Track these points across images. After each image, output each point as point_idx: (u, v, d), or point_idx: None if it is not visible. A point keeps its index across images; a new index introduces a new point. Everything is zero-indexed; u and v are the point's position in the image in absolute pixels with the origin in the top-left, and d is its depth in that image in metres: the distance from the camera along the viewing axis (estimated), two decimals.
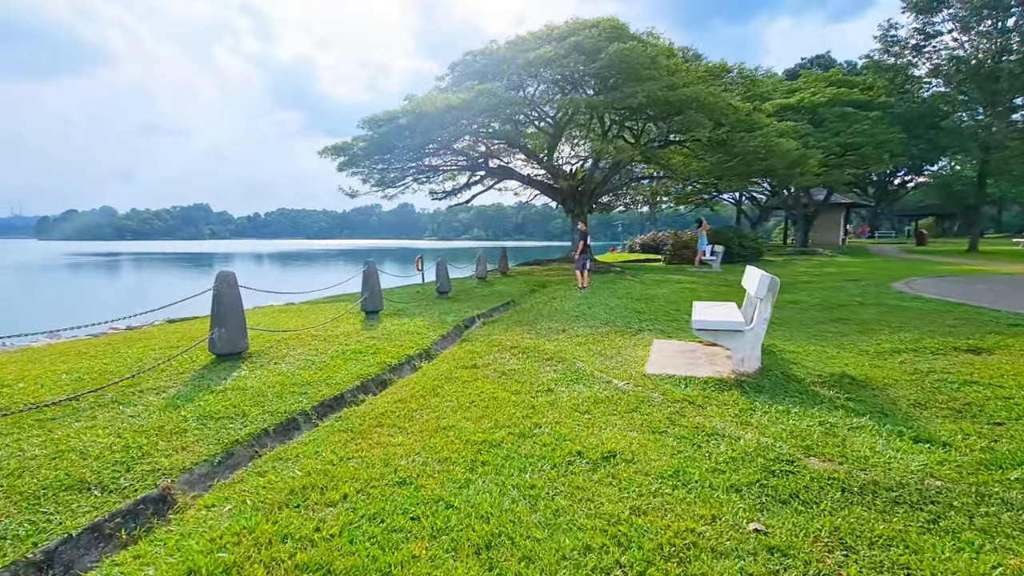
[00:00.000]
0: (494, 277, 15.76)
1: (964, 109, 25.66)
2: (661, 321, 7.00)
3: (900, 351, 4.92)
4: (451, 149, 20.29)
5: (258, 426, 3.71)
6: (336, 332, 6.85)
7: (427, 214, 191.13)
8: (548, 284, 13.54)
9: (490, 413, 3.63)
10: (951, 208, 54.95)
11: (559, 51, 14.81)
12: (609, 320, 7.15)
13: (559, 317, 7.59)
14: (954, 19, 24.94)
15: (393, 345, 6.29)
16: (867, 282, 10.82)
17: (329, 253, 69.91)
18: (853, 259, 21.38)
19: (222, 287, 5.24)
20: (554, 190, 21.30)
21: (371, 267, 8.29)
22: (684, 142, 16.20)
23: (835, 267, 16.34)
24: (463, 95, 14.47)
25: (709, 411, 3.49)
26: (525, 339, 6.11)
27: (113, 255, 64.86)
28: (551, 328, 6.71)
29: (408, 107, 16.11)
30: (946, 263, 17.02)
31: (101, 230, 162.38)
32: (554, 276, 15.51)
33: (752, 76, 18.56)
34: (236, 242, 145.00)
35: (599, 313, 7.79)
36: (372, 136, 17.27)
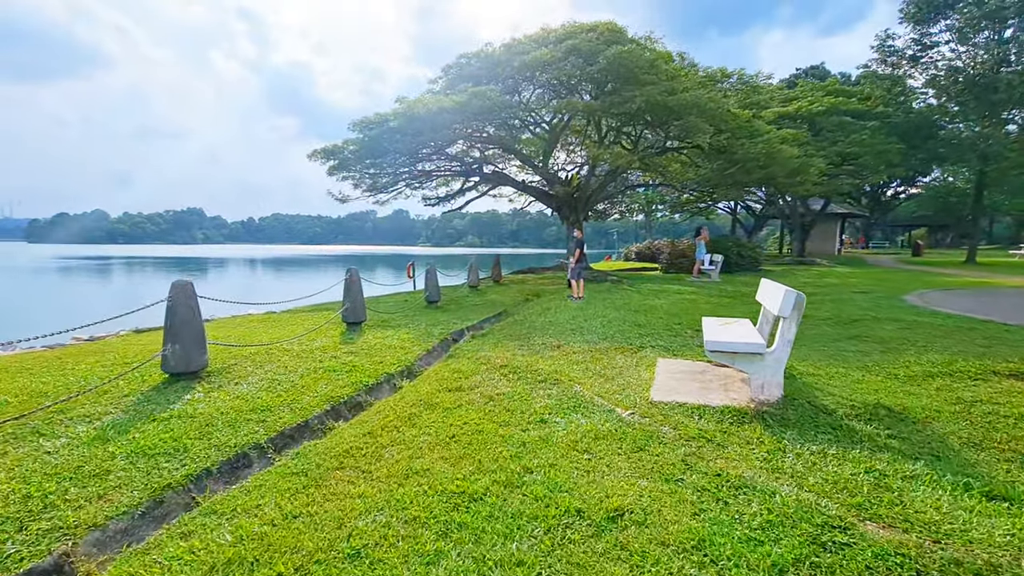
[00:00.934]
0: (487, 285, 15.24)
1: (961, 120, 25.50)
2: (663, 336, 6.48)
3: (933, 375, 4.42)
4: (445, 154, 19.83)
5: (199, 465, 3.14)
6: (311, 346, 6.28)
7: (422, 220, 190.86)
8: (542, 293, 13.03)
9: (472, 451, 3.08)
10: (944, 219, 55.20)
11: (555, 54, 14.39)
12: (607, 334, 6.62)
13: (553, 330, 7.05)
14: (951, 30, 24.86)
15: (372, 362, 5.73)
16: (876, 294, 10.38)
17: (322, 259, 69.14)
18: (853, 270, 21.02)
19: (177, 298, 4.68)
20: (549, 197, 20.84)
21: (353, 275, 7.74)
22: (682, 149, 15.78)
23: (836, 278, 15.93)
24: (456, 97, 13.99)
25: (731, 452, 2.96)
26: (516, 356, 5.56)
27: (102, 259, 63.78)
28: (545, 343, 6.18)
29: (399, 109, 15.62)
30: (949, 275, 16.67)
31: (92, 233, 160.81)
32: (548, 285, 15.02)
33: (753, 82, 18.25)
34: (228, 247, 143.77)
35: (596, 326, 7.26)
36: (362, 139, 16.76)
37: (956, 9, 24.39)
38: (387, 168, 19.31)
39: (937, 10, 24.37)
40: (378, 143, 16.37)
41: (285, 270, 49.68)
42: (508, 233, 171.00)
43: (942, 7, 24.39)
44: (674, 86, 13.35)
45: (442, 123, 14.18)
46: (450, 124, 14.42)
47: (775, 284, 4.35)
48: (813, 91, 27.37)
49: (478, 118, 14.58)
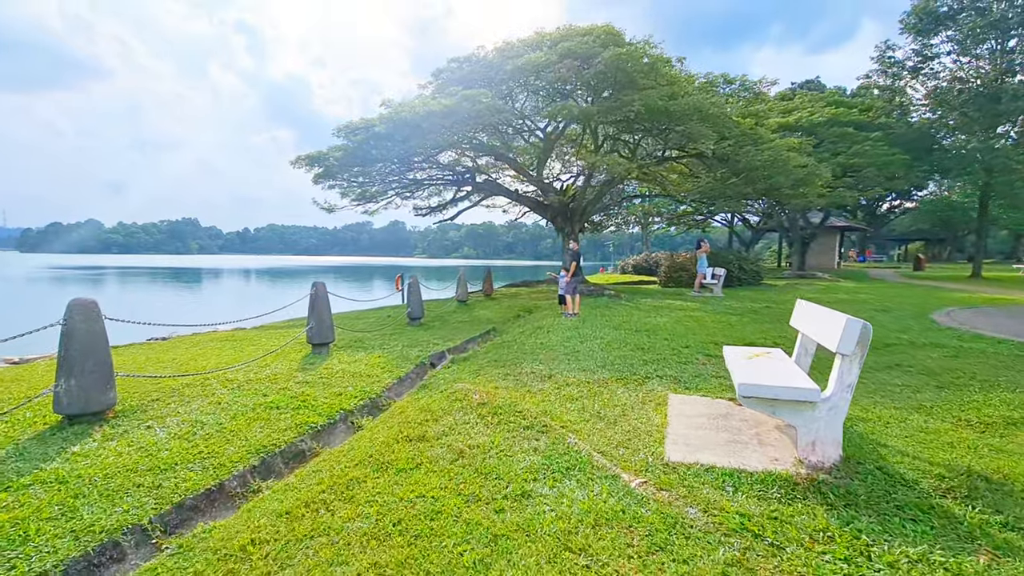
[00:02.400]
0: (477, 300, 14.36)
1: (964, 131, 24.97)
2: (671, 363, 5.59)
3: (1018, 422, 3.55)
4: (435, 163, 19.06)
5: (33, 567, 2.21)
6: (261, 375, 5.35)
7: (418, 232, 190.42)
8: (534, 309, 12.15)
9: (420, 553, 2.16)
10: (939, 233, 54.85)
11: (550, 57, 13.67)
12: (606, 361, 5.73)
13: (545, 354, 6.15)
14: (953, 41, 24.45)
15: (329, 394, 4.81)
16: (897, 312, 9.55)
17: (313, 270, 68.06)
18: (859, 285, 20.27)
19: (74, 321, 3.75)
20: (544, 207, 20.06)
21: (319, 290, 6.83)
22: (683, 157, 15.03)
23: (845, 293, 15.14)
24: (445, 101, 13.22)
25: (792, 557, 2.06)
26: (499, 390, 4.65)
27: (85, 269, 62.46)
28: (534, 372, 5.27)
29: (385, 114, 14.85)
30: (964, 291, 15.89)
31: (86, 243, 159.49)
32: (542, 299, 14.15)
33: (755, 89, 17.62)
34: (221, 257, 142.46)
35: (593, 350, 6.37)
36: (347, 146, 15.97)
37: (957, 20, 24.04)
38: (375, 176, 18.55)
39: (938, 21, 23.97)
40: (364, 149, 15.58)
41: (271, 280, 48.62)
42: (503, 245, 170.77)
43: (943, 18, 24.01)
44: (674, 90, 12.63)
45: (430, 127, 13.39)
46: (439, 129, 13.63)
47: (824, 309, 3.50)
48: (813, 102, 26.88)
49: (469, 122, 13.80)
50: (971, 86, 23.10)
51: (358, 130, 15.14)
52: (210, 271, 62.24)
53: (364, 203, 20.55)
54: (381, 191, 20.16)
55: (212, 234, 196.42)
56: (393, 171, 18.70)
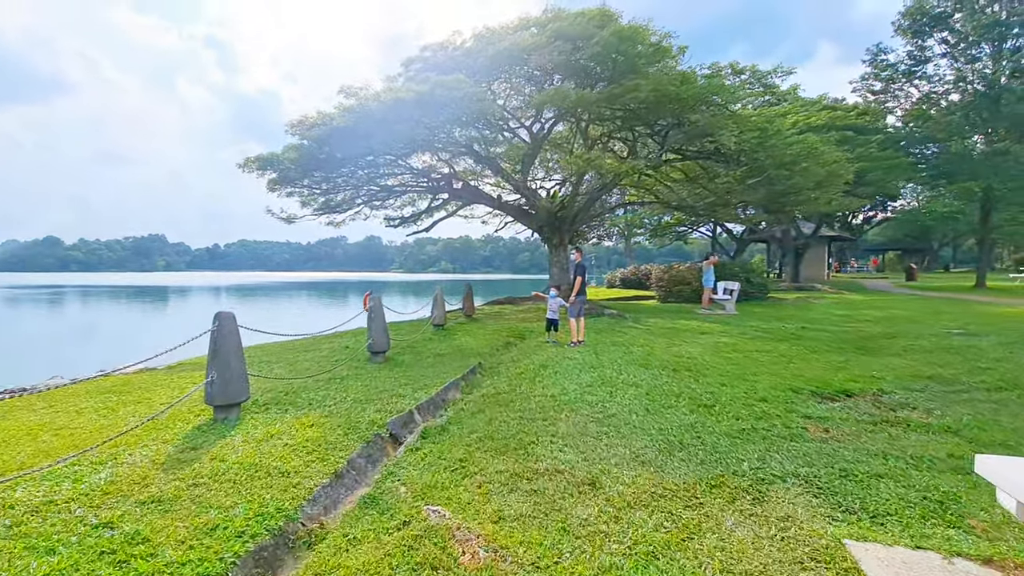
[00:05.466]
0: (456, 321, 12.19)
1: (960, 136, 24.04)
2: (767, 436, 3.55)
3: None
4: (408, 168, 16.95)
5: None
6: (92, 480, 3.10)
7: (394, 246, 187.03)
8: (526, 334, 10.06)
9: None
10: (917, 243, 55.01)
11: (539, 39, 11.78)
12: (667, 434, 3.65)
13: (565, 420, 4.05)
14: (946, 43, 23.64)
15: (194, 528, 2.60)
16: (981, 335, 7.75)
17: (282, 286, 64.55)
18: (871, 298, 18.80)
19: None
20: (529, 216, 18.06)
21: (223, 324, 4.59)
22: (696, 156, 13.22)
23: (874, 308, 13.48)
24: (416, 87, 11.17)
25: None
26: (509, 528, 2.51)
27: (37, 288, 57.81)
28: (562, 470, 3.13)
29: (347, 104, 12.70)
30: (997, 303, 14.41)
31: (43, 260, 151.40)
32: (532, 320, 12.04)
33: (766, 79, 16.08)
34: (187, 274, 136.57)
35: (635, 408, 4.29)
36: (304, 145, 13.74)
37: (948, 24, 23.26)
38: (340, 182, 16.33)
39: (935, 21, 23.12)
40: (324, 149, 13.38)
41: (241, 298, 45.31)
42: (481, 259, 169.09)
43: (939, 19, 23.18)
44: (686, 75, 10.86)
45: (399, 119, 11.29)
46: (409, 121, 11.55)
47: None
48: (805, 106, 25.75)
49: (444, 115, 11.74)
50: (970, 89, 22.19)
51: (315, 126, 12.94)
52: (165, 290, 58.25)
53: (329, 213, 18.25)
54: (348, 199, 17.93)
55: (180, 250, 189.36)
56: (360, 177, 16.54)
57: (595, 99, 11.12)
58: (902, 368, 5.87)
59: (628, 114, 12.85)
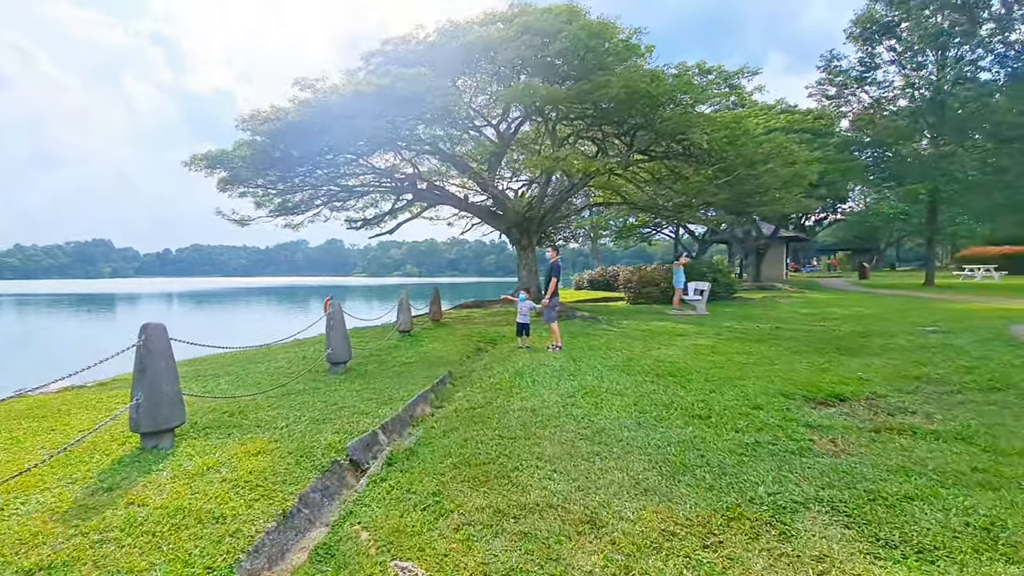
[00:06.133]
0: (424, 326, 11.61)
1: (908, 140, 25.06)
2: (773, 451, 3.23)
3: None
4: (370, 168, 16.26)
5: None
6: None
7: (357, 250, 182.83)
8: (497, 339, 9.61)
9: None
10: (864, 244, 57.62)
11: (506, 33, 11.39)
12: (664, 450, 3.28)
13: (550, 438, 3.62)
14: (894, 50, 24.62)
15: None
16: (951, 332, 7.78)
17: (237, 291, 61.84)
18: (829, 296, 19.23)
19: None
20: (497, 217, 17.65)
21: (151, 339, 3.94)
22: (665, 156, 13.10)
23: (837, 307, 13.67)
24: (377, 80, 10.59)
25: None
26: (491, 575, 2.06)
27: None
28: (553, 503, 2.69)
29: (304, 98, 11.97)
30: (947, 300, 14.90)
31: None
32: (502, 324, 11.59)
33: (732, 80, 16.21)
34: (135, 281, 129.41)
35: (624, 422, 3.91)
36: (257, 141, 12.90)
37: (896, 32, 24.22)
38: (296, 181, 15.49)
39: (884, 30, 24.03)
40: (276, 145, 12.58)
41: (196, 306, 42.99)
42: (446, 262, 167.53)
43: (887, 27, 24.10)
44: (655, 72, 10.69)
45: (359, 112, 10.65)
46: (370, 116, 10.93)
47: None
48: (763, 111, 26.36)
49: (406, 110, 11.17)
50: (920, 94, 23.14)
51: (268, 120, 12.13)
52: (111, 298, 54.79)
53: (286, 215, 17.36)
54: (306, 200, 17.07)
55: (128, 256, 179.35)
56: (320, 176, 15.75)
57: (564, 96, 10.81)
58: (886, 368, 5.72)
59: (597, 113, 12.61)
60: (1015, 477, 2.80)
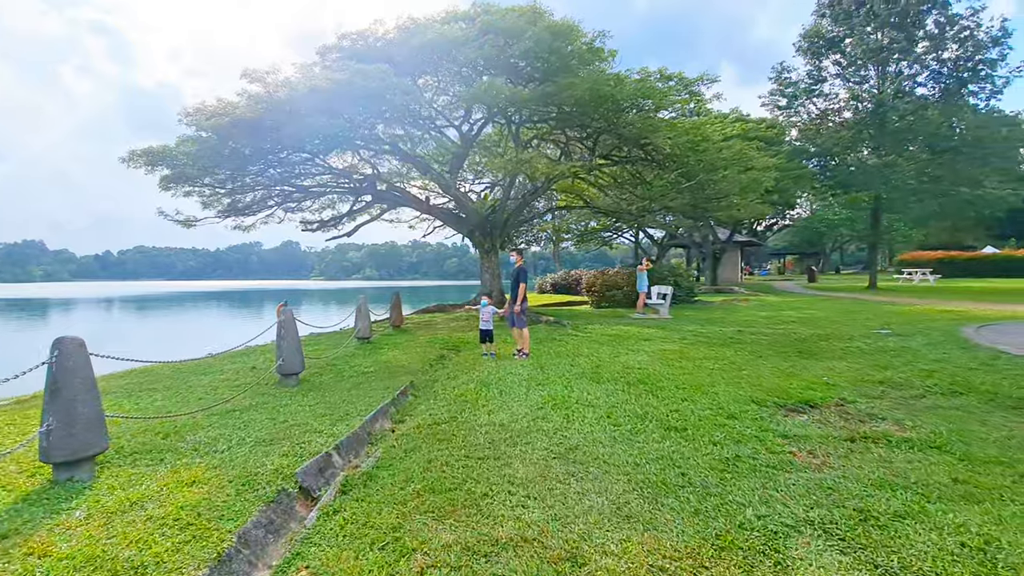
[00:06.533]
0: (383, 333, 11.17)
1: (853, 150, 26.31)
2: (754, 466, 3.11)
3: None
4: (327, 168, 15.65)
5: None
6: None
7: (314, 253, 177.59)
8: (461, 346, 9.30)
9: None
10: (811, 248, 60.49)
11: (468, 31, 11.13)
12: (640, 469, 3.09)
13: (520, 458, 3.37)
14: (839, 64, 25.81)
15: None
16: (903, 335, 8.02)
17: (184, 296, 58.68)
18: (783, 298, 19.85)
19: None
20: (460, 220, 17.33)
21: (69, 351, 3.44)
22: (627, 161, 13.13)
23: (792, 310, 14.05)
24: (334, 75, 10.11)
25: None
26: None
27: None
28: (528, 537, 2.43)
29: (254, 91, 11.33)
30: (894, 302, 15.60)
31: None
32: (466, 330, 11.28)
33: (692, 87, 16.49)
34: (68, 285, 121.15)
35: (597, 436, 3.71)
36: (203, 137, 12.16)
37: (841, 47, 25.41)
38: (248, 180, 14.71)
39: (830, 44, 25.16)
40: (225, 143, 11.88)
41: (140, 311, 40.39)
42: (408, 266, 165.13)
43: (832, 42, 25.25)
44: (619, 76, 10.68)
45: (314, 109, 10.14)
46: (326, 114, 10.42)
47: None
48: (719, 119, 27.12)
49: (365, 107, 10.74)
50: (863, 106, 24.31)
51: (215, 115, 11.41)
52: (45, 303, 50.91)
53: (236, 215, 16.45)
54: (258, 201, 16.26)
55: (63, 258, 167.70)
56: (273, 176, 15.01)
57: (528, 96, 10.63)
58: (849, 372, 5.77)
59: (561, 115, 12.51)
60: (995, 488, 2.74)
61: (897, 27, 23.14)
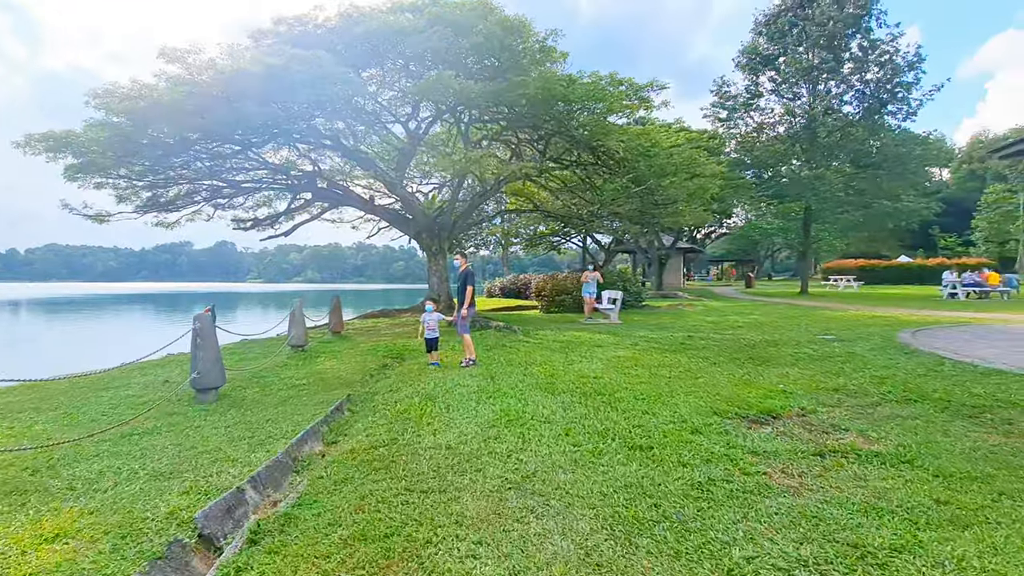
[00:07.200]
0: (321, 340, 10.37)
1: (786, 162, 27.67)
2: (741, 489, 2.82)
3: None
4: (264, 163, 14.57)
5: None
6: None
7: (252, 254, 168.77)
8: (405, 354, 8.72)
9: None
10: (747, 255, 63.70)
11: (417, 22, 10.60)
12: (606, 494, 2.73)
13: (470, 489, 2.93)
14: (774, 81, 27.11)
15: None
16: (842, 340, 8.20)
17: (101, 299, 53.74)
18: (725, 303, 20.44)
19: None
20: (406, 221, 16.64)
21: None
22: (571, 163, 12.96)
23: (736, 315, 14.37)
24: (267, 59, 9.28)
25: None
26: None
27: None
28: None
29: (174, 73, 10.26)
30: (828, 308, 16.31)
31: None
32: (411, 335, 10.67)
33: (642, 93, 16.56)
34: None
35: (556, 459, 3.33)
36: (115, 123, 10.92)
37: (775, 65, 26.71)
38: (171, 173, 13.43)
39: (766, 62, 26.38)
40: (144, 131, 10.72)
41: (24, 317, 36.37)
42: (352, 268, 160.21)
43: (768, 59, 26.49)
44: (572, 77, 10.48)
45: (245, 94, 9.27)
46: (258, 101, 9.57)
47: None
48: (664, 128, 27.81)
49: (303, 96, 9.95)
50: (796, 121, 25.61)
51: (129, 99, 10.23)
52: None
53: (157, 211, 15.03)
54: (184, 196, 14.94)
55: None
56: (201, 169, 13.79)
57: (480, 93, 10.19)
58: (803, 379, 5.72)
59: (512, 115, 12.18)
60: (978, 509, 2.58)
61: (826, 48, 24.55)
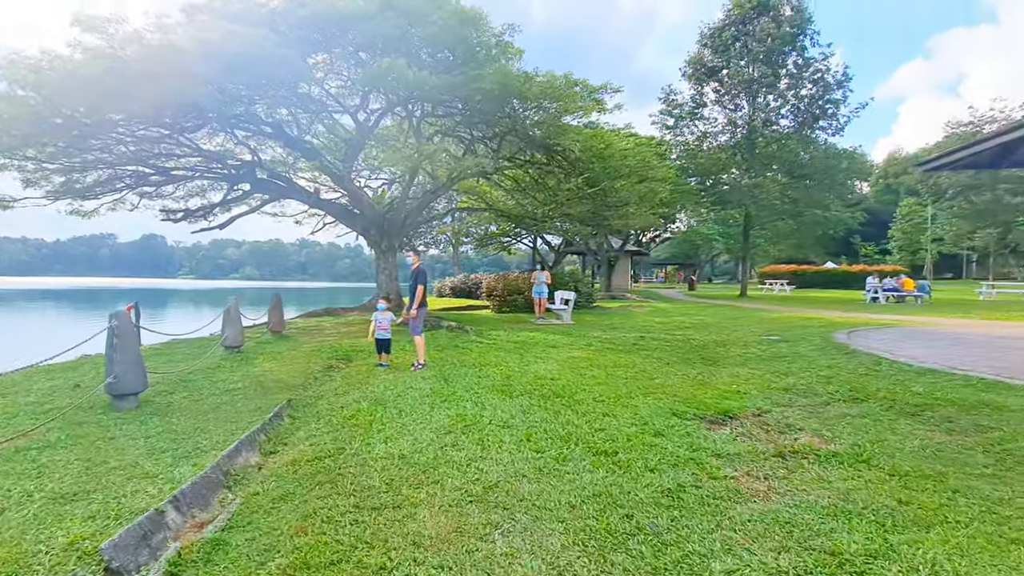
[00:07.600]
0: (260, 340, 9.70)
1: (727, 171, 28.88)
2: (712, 495, 2.74)
3: None
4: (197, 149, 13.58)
5: None
6: None
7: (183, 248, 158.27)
8: (352, 355, 8.26)
9: None
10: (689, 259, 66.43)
11: (365, 8, 10.11)
12: (574, 505, 2.58)
13: (428, 500, 2.69)
14: (718, 92, 28.25)
15: None
16: (786, 340, 8.52)
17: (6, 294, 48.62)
18: (670, 305, 21.03)
19: None
20: (354, 217, 16.00)
21: None
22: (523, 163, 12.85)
23: (683, 316, 14.74)
24: (201, 34, 8.56)
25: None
26: None
27: None
28: None
29: (92, 43, 9.29)
30: (764, 310, 17.07)
31: None
32: (358, 334, 10.17)
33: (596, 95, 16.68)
34: None
35: (519, 467, 3.16)
36: (21, 97, 9.78)
37: (719, 76, 27.84)
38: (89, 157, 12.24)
39: (710, 73, 27.43)
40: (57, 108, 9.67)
41: None
42: (295, 265, 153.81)
43: (712, 71, 27.56)
44: (528, 74, 10.36)
45: (175, 71, 8.49)
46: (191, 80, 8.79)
47: None
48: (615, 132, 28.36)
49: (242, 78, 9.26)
50: (738, 131, 26.78)
51: (38, 71, 9.18)
52: None
53: (72, 198, 13.68)
54: (104, 182, 13.68)
55: None
56: (125, 154, 12.66)
57: (435, 84, 9.86)
58: (754, 379, 5.83)
59: (467, 111, 11.92)
60: (937, 508, 2.61)
61: (766, 63, 25.83)
